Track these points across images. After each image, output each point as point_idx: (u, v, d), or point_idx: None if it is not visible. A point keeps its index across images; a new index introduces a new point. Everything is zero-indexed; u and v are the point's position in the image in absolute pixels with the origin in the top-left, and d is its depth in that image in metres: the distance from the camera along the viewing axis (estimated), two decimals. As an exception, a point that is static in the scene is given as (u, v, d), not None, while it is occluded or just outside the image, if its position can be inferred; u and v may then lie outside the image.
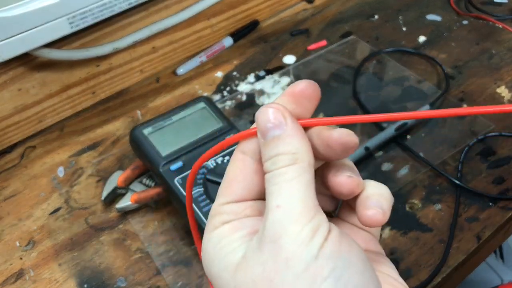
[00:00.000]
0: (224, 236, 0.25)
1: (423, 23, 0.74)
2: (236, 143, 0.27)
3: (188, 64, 0.69)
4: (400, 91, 0.63)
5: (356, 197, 0.26)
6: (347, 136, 0.24)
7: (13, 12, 0.48)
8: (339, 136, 0.24)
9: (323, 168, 0.27)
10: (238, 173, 0.26)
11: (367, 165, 0.54)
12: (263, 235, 0.23)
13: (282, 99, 0.25)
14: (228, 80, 0.67)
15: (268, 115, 0.24)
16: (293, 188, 0.23)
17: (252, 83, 0.66)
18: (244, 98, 0.64)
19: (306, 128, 0.26)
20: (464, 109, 0.22)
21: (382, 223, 0.25)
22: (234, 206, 0.26)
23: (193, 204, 0.44)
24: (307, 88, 0.25)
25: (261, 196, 0.25)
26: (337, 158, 0.26)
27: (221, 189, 0.26)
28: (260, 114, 0.25)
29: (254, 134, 0.26)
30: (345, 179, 0.26)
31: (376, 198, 0.26)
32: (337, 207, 0.30)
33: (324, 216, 0.23)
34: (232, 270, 0.23)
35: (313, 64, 0.68)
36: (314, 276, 0.21)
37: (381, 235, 0.48)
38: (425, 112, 0.23)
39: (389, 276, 0.27)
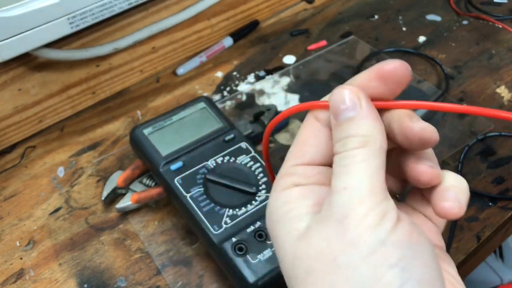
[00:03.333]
0: (292, 199, 0.25)
1: (423, 23, 0.74)
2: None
3: (188, 64, 0.69)
4: (400, 91, 0.63)
5: (431, 187, 0.26)
6: (429, 132, 0.24)
7: (13, 12, 0.48)
8: (420, 130, 0.23)
9: (400, 152, 0.26)
10: (310, 137, 0.26)
11: (367, 165, 0.54)
12: (329, 213, 0.23)
13: (366, 75, 0.25)
14: (228, 80, 0.67)
15: (342, 96, 0.24)
16: (361, 171, 0.22)
17: (252, 83, 0.66)
18: (244, 98, 0.64)
19: (383, 111, 0.25)
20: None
21: (458, 216, 0.24)
22: (305, 169, 0.25)
23: (193, 204, 0.44)
24: (398, 69, 0.24)
25: (331, 163, 0.25)
26: (413, 149, 0.25)
27: (292, 151, 0.26)
28: (334, 95, 0.24)
29: (327, 107, 0.25)
30: (426, 169, 0.25)
31: (456, 191, 0.25)
32: (404, 191, 0.29)
33: (392, 203, 0.23)
34: (294, 237, 0.23)
35: (313, 64, 0.69)
36: (381, 262, 0.21)
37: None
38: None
39: (450, 274, 0.26)
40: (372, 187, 0.22)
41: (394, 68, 0.24)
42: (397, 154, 0.27)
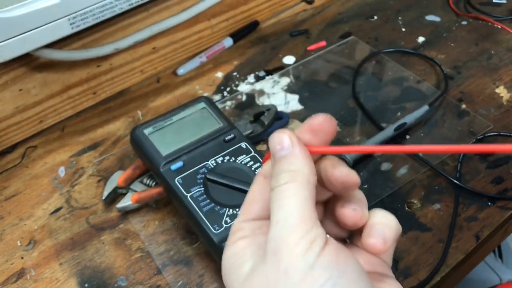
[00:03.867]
0: (239, 250, 0.27)
1: (422, 23, 0.75)
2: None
3: (188, 64, 0.69)
4: (399, 91, 0.64)
5: (364, 225, 0.28)
6: (347, 177, 0.26)
7: (14, 13, 0.48)
8: (339, 176, 0.27)
9: (333, 198, 0.29)
10: (257, 194, 0.28)
11: (366, 165, 0.55)
12: (266, 248, 0.25)
13: (300, 130, 0.28)
14: (228, 80, 0.67)
15: (280, 138, 0.27)
16: (291, 204, 0.25)
17: (252, 84, 0.66)
18: (244, 98, 0.64)
19: (317, 159, 0.28)
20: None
21: (383, 251, 0.27)
22: (252, 224, 0.28)
23: (194, 204, 0.44)
24: (324, 122, 0.27)
25: None
26: (340, 193, 0.28)
27: (242, 208, 0.29)
28: (273, 137, 0.27)
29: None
30: (349, 212, 0.28)
31: (380, 228, 0.28)
32: (351, 234, 0.32)
33: (321, 229, 0.25)
34: (241, 281, 0.25)
35: (313, 65, 0.69)
36: (311, 284, 0.23)
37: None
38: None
39: None
40: (301, 217, 0.24)
41: (321, 122, 0.27)
42: (332, 202, 0.30)
